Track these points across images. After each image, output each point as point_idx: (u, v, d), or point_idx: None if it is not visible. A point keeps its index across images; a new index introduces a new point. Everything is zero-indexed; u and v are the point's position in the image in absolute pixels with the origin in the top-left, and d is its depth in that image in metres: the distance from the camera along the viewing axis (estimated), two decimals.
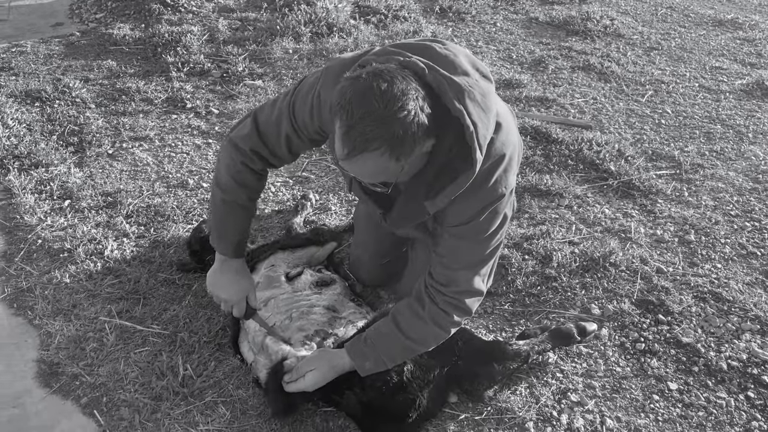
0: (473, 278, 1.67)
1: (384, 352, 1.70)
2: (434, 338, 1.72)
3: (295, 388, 1.74)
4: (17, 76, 3.97)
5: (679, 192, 2.90)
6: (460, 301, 1.68)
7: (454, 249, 1.66)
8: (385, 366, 1.71)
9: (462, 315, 1.71)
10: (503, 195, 1.59)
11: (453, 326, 1.73)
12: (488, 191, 1.57)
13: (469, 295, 1.69)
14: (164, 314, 2.19)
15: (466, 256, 1.66)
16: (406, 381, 1.72)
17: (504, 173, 1.58)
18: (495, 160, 1.55)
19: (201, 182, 2.94)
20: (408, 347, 1.71)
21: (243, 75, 4.03)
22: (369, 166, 1.39)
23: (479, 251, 1.66)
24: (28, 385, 1.94)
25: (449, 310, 1.68)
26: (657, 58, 4.47)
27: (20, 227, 2.62)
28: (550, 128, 3.32)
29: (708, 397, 1.89)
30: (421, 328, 1.69)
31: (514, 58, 4.43)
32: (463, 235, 1.63)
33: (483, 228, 1.62)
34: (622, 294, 2.27)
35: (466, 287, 1.67)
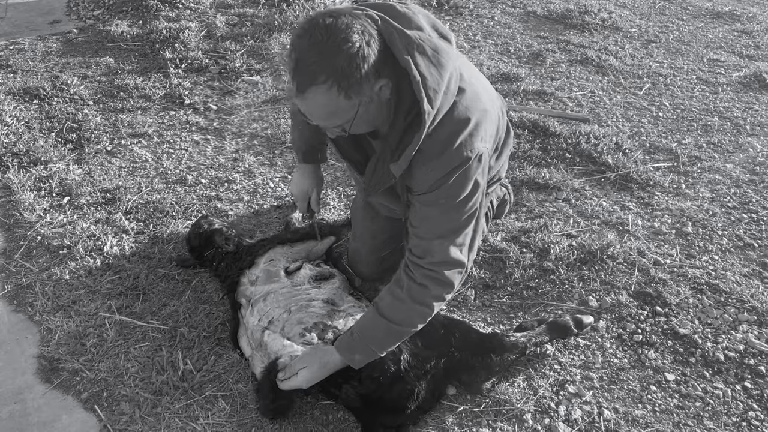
0: (449, 248, 1.65)
1: (371, 341, 1.69)
2: (418, 316, 1.70)
3: (288, 386, 1.74)
4: (15, 74, 3.97)
5: (677, 184, 2.90)
6: (438, 273, 1.65)
7: (426, 218, 1.65)
8: (376, 355, 1.70)
9: (442, 288, 1.67)
10: (468, 159, 1.58)
11: (435, 301, 1.69)
12: (451, 154, 1.57)
13: (446, 266, 1.66)
14: (164, 310, 2.20)
15: (438, 225, 1.65)
16: (403, 371, 1.72)
17: (469, 137, 1.58)
18: (458, 124, 1.57)
19: (200, 178, 2.95)
20: (393, 331, 1.69)
21: (241, 71, 4.03)
22: (319, 102, 1.44)
23: (451, 219, 1.64)
24: (29, 381, 1.95)
25: (427, 283, 1.66)
26: (655, 51, 4.47)
27: (20, 224, 2.63)
28: (547, 122, 3.33)
29: (705, 388, 1.90)
30: (401, 309, 1.68)
31: (512, 52, 4.43)
32: (432, 202, 1.63)
33: (451, 194, 1.61)
34: (619, 286, 2.28)
35: (441, 257, 1.64)
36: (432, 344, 1.79)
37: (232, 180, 2.94)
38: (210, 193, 2.83)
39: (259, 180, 2.94)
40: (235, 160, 3.11)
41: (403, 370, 1.73)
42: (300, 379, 1.73)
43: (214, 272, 2.31)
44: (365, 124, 1.58)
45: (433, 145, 1.57)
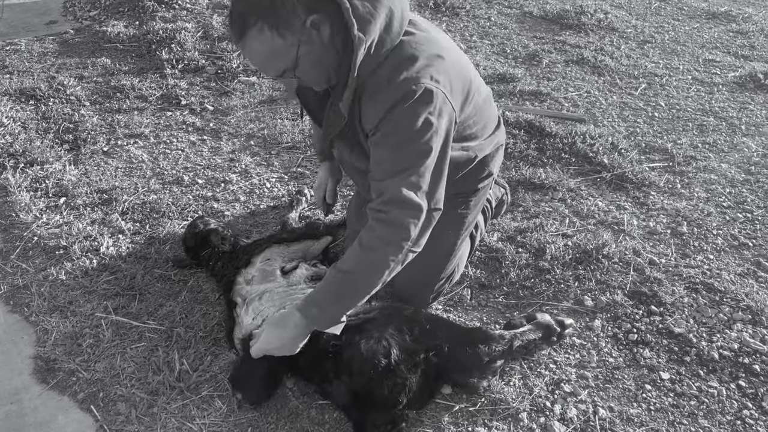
0: (399, 186, 1.60)
1: (326, 294, 1.69)
2: (368, 264, 1.65)
3: (255, 350, 1.76)
4: (11, 75, 3.98)
5: (672, 184, 2.91)
6: (387, 213, 1.62)
7: (378, 160, 1.65)
8: (331, 311, 1.68)
9: (390, 230, 1.62)
10: (413, 92, 1.57)
11: (384, 245, 1.63)
12: (395, 87, 1.59)
13: (396, 205, 1.61)
14: (160, 310, 2.20)
15: (389, 164, 1.63)
16: (393, 364, 1.72)
17: (416, 74, 1.60)
18: (403, 60, 1.61)
19: (196, 178, 2.95)
20: (345, 281, 1.67)
21: (238, 71, 4.04)
22: (256, 48, 1.54)
23: (400, 157, 1.62)
24: (25, 382, 1.95)
25: (374, 225, 1.64)
26: (650, 52, 4.49)
27: (16, 225, 2.63)
28: (543, 122, 3.34)
29: (700, 387, 1.91)
30: (351, 257, 1.67)
31: (509, 53, 4.44)
32: (381, 141, 1.63)
33: (398, 129, 1.60)
34: (615, 285, 2.29)
35: (391, 195, 1.61)
36: (420, 338, 1.79)
37: (228, 180, 2.94)
38: (206, 194, 2.84)
39: (256, 180, 2.95)
40: (231, 160, 3.12)
41: (393, 364, 1.72)
42: (263, 339, 1.75)
43: (211, 272, 2.31)
44: (314, 69, 1.62)
45: (378, 80, 1.62)
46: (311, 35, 1.54)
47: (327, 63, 1.64)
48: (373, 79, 1.63)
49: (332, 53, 1.62)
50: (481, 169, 2.07)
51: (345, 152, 1.90)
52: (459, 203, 2.12)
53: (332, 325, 1.72)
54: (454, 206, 2.11)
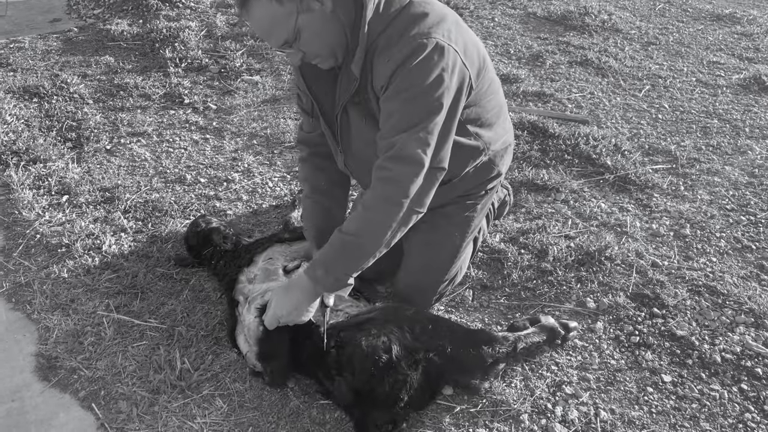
0: (408, 141, 1.60)
1: (329, 256, 1.71)
2: (370, 224, 1.66)
3: (268, 320, 1.80)
4: (15, 72, 3.98)
5: (675, 186, 2.91)
6: (390, 170, 1.62)
7: (388, 115, 1.65)
8: (337, 272, 1.71)
9: (391, 188, 1.62)
10: (424, 45, 1.58)
11: (385, 204, 1.64)
12: (407, 41, 1.60)
13: (401, 161, 1.61)
14: (162, 308, 2.20)
15: (399, 119, 1.62)
16: (395, 361, 1.71)
17: (428, 29, 1.61)
18: (414, 17, 1.63)
19: (198, 177, 2.95)
20: (348, 242, 1.69)
21: (241, 70, 4.04)
22: (257, 14, 1.56)
23: (411, 112, 1.61)
24: (27, 379, 1.95)
25: (377, 185, 1.64)
26: (654, 53, 4.48)
27: (18, 222, 2.63)
28: (547, 123, 3.33)
29: (702, 390, 1.90)
30: (355, 218, 1.69)
31: (512, 53, 4.43)
32: (393, 96, 1.63)
33: (411, 84, 1.59)
34: (617, 288, 2.28)
35: (399, 150, 1.60)
36: (421, 337, 1.79)
37: (231, 179, 2.94)
38: (209, 193, 2.84)
39: (258, 179, 2.94)
40: (234, 159, 3.12)
41: (395, 360, 1.72)
42: (273, 306, 1.79)
43: (213, 271, 2.31)
44: (317, 42, 1.64)
45: (388, 38, 1.62)
46: (311, 4, 1.57)
47: (330, 36, 1.66)
48: (383, 37, 1.64)
49: (336, 26, 1.64)
50: (490, 168, 2.06)
51: (358, 122, 1.87)
52: (466, 206, 2.11)
53: (339, 287, 1.75)
54: (462, 209, 2.10)
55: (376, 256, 1.72)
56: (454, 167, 1.94)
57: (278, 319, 1.80)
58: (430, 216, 2.08)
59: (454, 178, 1.98)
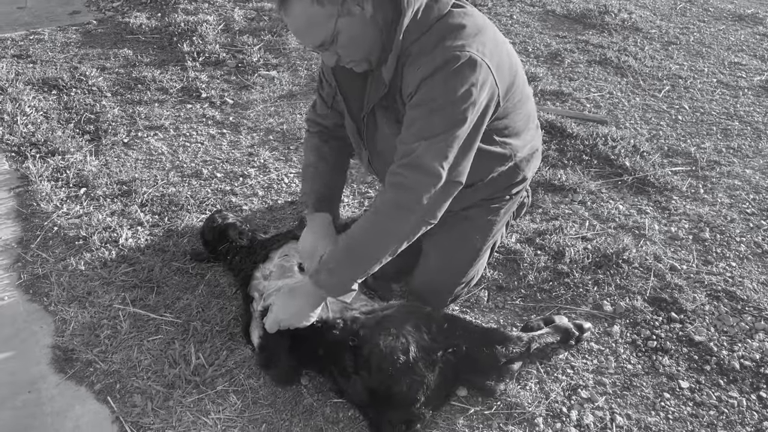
0: (426, 151, 1.57)
1: (335, 259, 1.69)
2: (378, 229, 1.64)
3: (269, 323, 1.79)
4: (35, 64, 4.01)
5: (695, 189, 2.87)
6: (405, 177, 1.60)
7: (411, 121, 1.62)
8: (341, 276, 1.69)
9: (403, 195, 1.60)
10: (457, 58, 1.55)
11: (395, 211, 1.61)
12: (440, 51, 1.58)
13: (416, 170, 1.59)
14: (177, 303, 2.21)
15: (420, 126, 1.60)
16: (412, 362, 1.71)
17: (463, 41, 1.58)
18: (451, 28, 1.60)
19: (215, 172, 2.96)
20: (354, 246, 1.67)
21: (258, 65, 4.04)
22: (296, 12, 1.55)
23: (435, 122, 1.58)
24: (43, 371, 1.96)
25: (389, 190, 1.63)
26: (675, 53, 4.42)
27: (37, 214, 2.65)
28: (565, 123, 3.30)
29: (719, 396, 1.88)
30: (364, 222, 1.67)
31: (530, 51, 4.40)
32: (419, 103, 1.61)
33: (438, 94, 1.57)
34: (634, 291, 2.26)
35: (415, 158, 1.58)
36: (437, 337, 1.78)
37: (247, 175, 2.94)
38: (225, 188, 2.84)
39: (274, 175, 2.94)
40: (250, 154, 3.12)
41: (412, 361, 1.71)
42: (276, 310, 1.78)
43: (228, 266, 2.32)
44: (353, 46, 1.64)
45: (422, 46, 1.61)
46: (352, 9, 1.56)
47: (368, 42, 1.65)
48: (417, 45, 1.62)
49: (374, 31, 1.63)
50: (516, 173, 2.03)
51: (384, 126, 1.86)
52: (490, 210, 2.09)
53: (342, 292, 1.72)
54: (485, 212, 2.08)
55: (382, 263, 1.69)
56: (479, 172, 1.93)
57: (279, 323, 1.78)
58: (452, 217, 2.07)
59: (479, 182, 1.96)
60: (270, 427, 1.79)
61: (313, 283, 1.72)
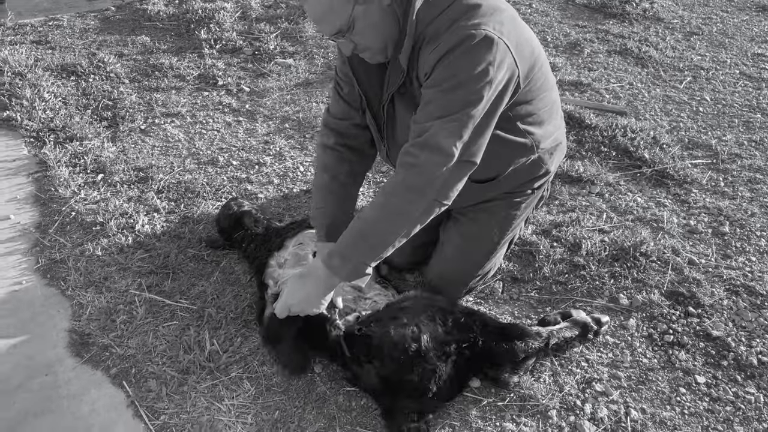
0: (440, 130, 1.55)
1: (347, 243, 1.67)
2: (390, 211, 1.62)
3: (279, 307, 1.78)
4: (54, 50, 4.03)
5: (715, 182, 2.83)
6: (417, 157, 1.58)
7: (426, 102, 1.61)
8: (353, 261, 1.66)
9: (415, 177, 1.58)
10: (472, 36, 1.53)
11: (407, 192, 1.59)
12: (455, 31, 1.56)
13: (429, 150, 1.57)
14: (192, 289, 2.22)
15: (435, 105, 1.58)
16: (424, 351, 1.70)
17: (479, 20, 1.56)
18: (466, 8, 1.59)
19: (231, 160, 2.96)
20: (367, 229, 1.65)
21: (275, 53, 4.03)
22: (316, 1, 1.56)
23: (449, 101, 1.56)
24: (60, 354, 1.98)
25: (401, 171, 1.61)
26: (697, 44, 4.35)
27: (55, 199, 2.67)
28: (583, 113, 3.27)
29: (736, 392, 1.86)
30: (375, 205, 1.65)
31: (549, 41, 4.35)
32: (434, 83, 1.59)
33: (453, 73, 1.55)
34: (651, 284, 2.23)
35: (428, 138, 1.57)
36: (452, 329, 1.77)
37: (262, 163, 2.95)
38: (240, 175, 2.85)
39: (290, 163, 2.94)
40: (266, 142, 3.12)
41: (423, 350, 1.70)
42: (286, 293, 1.77)
43: (243, 254, 2.33)
44: (370, 34, 1.63)
45: (438, 27, 1.59)
46: None
47: (385, 30, 1.64)
48: (432, 28, 1.61)
49: (391, 19, 1.63)
50: (538, 166, 2.00)
51: (403, 114, 1.84)
52: (511, 204, 2.07)
53: (356, 276, 1.70)
54: (506, 206, 2.06)
55: (395, 246, 1.67)
56: (500, 164, 1.91)
57: (289, 308, 1.77)
58: (472, 209, 2.06)
59: (500, 175, 1.94)
60: (283, 414, 1.79)
61: (325, 268, 1.71)
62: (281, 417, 1.78)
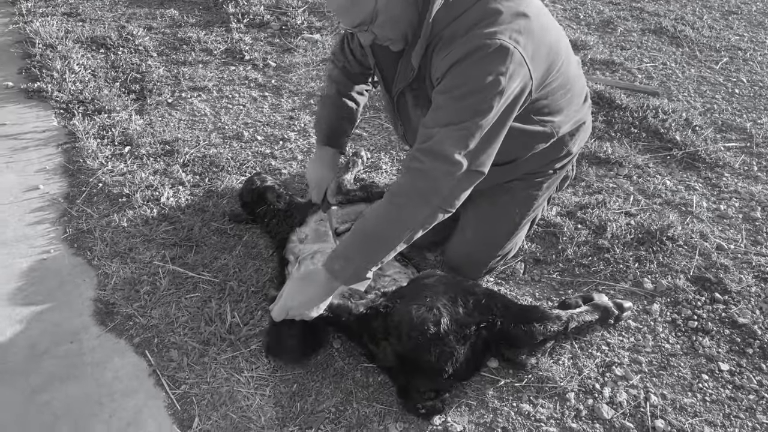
0: (446, 139, 1.54)
1: (349, 247, 1.66)
2: (394, 217, 1.61)
3: (276, 310, 1.73)
4: (84, 22, 4.06)
5: (748, 166, 2.75)
6: (422, 163, 1.56)
7: (435, 107, 1.60)
8: (355, 265, 1.65)
9: (421, 183, 1.57)
10: (487, 45, 1.51)
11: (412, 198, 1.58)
12: (470, 38, 1.54)
13: (434, 157, 1.55)
14: (215, 262, 2.24)
15: (444, 114, 1.56)
16: (443, 333, 1.70)
17: (495, 29, 1.53)
18: (484, 14, 1.56)
19: (256, 135, 2.97)
20: (369, 233, 1.64)
21: (302, 28, 4.01)
22: None
23: (458, 109, 1.55)
24: (86, 322, 2.03)
25: (406, 175, 1.60)
26: (735, 23, 4.21)
27: (83, 170, 2.71)
28: (614, 93, 3.19)
29: (761, 381, 1.82)
30: (380, 209, 1.64)
31: (581, 18, 4.25)
32: (444, 90, 1.57)
33: (463, 82, 1.54)
34: (677, 269, 2.19)
35: (434, 144, 1.55)
36: (473, 311, 1.76)
37: (287, 138, 2.94)
38: (265, 150, 2.85)
39: (314, 140, 2.94)
40: (291, 118, 3.12)
41: (442, 332, 1.70)
42: (285, 296, 1.73)
43: (265, 228, 2.34)
44: (391, 26, 1.61)
45: (454, 32, 1.57)
46: None
47: (405, 22, 1.62)
48: (449, 30, 1.58)
49: (412, 11, 1.61)
50: (559, 148, 1.97)
51: (413, 109, 1.84)
52: (532, 184, 2.04)
53: (356, 281, 1.69)
54: (527, 186, 2.04)
55: (397, 250, 1.66)
56: (520, 150, 1.89)
57: (287, 311, 1.74)
58: (493, 189, 2.03)
59: (520, 158, 1.92)
60: (301, 387, 1.81)
61: (326, 272, 1.68)
62: (299, 390, 1.80)
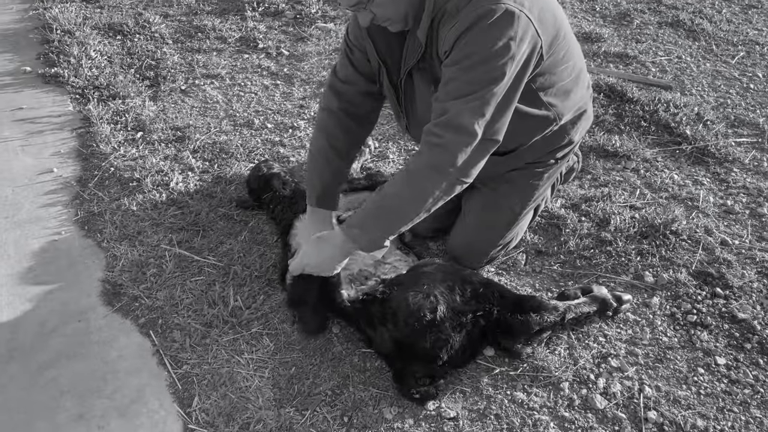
0: (462, 110, 1.54)
1: (367, 215, 1.70)
2: (412, 189, 1.63)
3: (294, 265, 1.82)
4: (102, 9, 4.13)
5: (758, 162, 2.72)
6: (441, 137, 1.57)
7: (447, 80, 1.60)
8: (372, 233, 1.68)
9: (439, 156, 1.58)
10: (492, 11, 1.51)
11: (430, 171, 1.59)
12: (473, 7, 1.53)
13: (452, 130, 1.56)
14: (221, 247, 2.29)
15: (457, 84, 1.56)
16: (438, 320, 1.72)
17: None
18: None
19: (266, 123, 3.00)
20: (388, 204, 1.67)
21: (316, 17, 4.03)
22: None
23: (471, 79, 1.55)
24: (93, 302, 2.08)
25: (424, 150, 1.61)
26: (754, 17, 4.15)
27: (95, 155, 2.77)
28: (626, 86, 3.17)
29: (757, 376, 1.82)
30: (398, 181, 1.66)
31: (597, 10, 4.22)
32: (455, 61, 1.57)
33: (473, 50, 1.53)
34: (679, 263, 2.19)
35: (451, 118, 1.56)
36: (470, 300, 1.78)
37: (296, 126, 2.98)
38: (274, 138, 2.89)
39: None
40: (301, 107, 3.15)
41: (438, 320, 1.72)
42: (303, 253, 1.81)
43: (270, 215, 2.37)
44: (391, 3, 1.61)
45: (457, 4, 1.58)
46: None
47: (404, 1, 1.63)
48: (451, 3, 1.59)
49: None
50: (560, 136, 1.98)
51: (422, 88, 1.84)
52: (533, 174, 2.05)
53: (373, 248, 1.73)
54: (528, 176, 2.05)
55: (415, 221, 1.68)
56: (521, 136, 1.89)
57: (304, 267, 1.82)
58: (494, 179, 2.04)
59: (521, 146, 1.92)
60: (299, 370, 1.85)
61: (345, 235, 1.74)
62: (297, 373, 1.84)
